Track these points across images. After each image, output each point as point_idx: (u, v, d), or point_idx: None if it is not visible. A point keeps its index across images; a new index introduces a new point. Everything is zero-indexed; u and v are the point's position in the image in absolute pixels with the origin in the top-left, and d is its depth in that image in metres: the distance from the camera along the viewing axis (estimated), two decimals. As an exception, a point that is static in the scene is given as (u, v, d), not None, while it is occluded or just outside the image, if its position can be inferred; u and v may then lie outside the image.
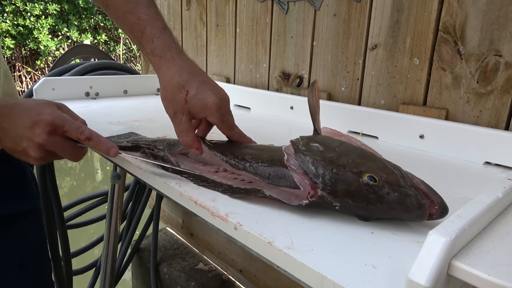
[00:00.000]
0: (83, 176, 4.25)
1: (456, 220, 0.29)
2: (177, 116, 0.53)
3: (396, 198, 0.37)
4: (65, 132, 0.51)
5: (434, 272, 0.26)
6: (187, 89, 0.52)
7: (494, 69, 0.63)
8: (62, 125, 0.50)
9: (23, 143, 0.49)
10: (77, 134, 0.51)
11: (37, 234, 0.78)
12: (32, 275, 0.77)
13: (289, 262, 0.35)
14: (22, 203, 0.74)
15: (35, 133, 0.48)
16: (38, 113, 0.49)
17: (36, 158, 0.50)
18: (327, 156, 0.42)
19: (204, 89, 0.52)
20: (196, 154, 0.54)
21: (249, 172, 0.47)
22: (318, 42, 0.90)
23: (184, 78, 0.52)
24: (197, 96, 0.52)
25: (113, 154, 0.52)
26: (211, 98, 0.52)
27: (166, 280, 1.41)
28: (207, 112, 0.53)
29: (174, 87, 0.52)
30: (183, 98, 0.52)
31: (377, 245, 0.36)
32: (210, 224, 0.44)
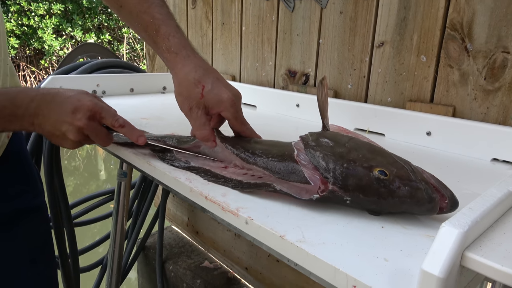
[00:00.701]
0: (87, 176, 4.27)
1: (468, 213, 0.29)
2: (193, 111, 0.55)
3: (407, 192, 0.38)
4: (102, 118, 0.55)
5: (448, 263, 0.26)
6: (203, 84, 0.54)
7: (502, 66, 0.63)
8: (100, 111, 0.54)
9: (62, 127, 0.52)
10: (113, 121, 0.55)
11: (44, 230, 0.79)
12: (40, 271, 0.78)
13: (301, 255, 0.35)
14: (30, 200, 0.75)
15: (76, 118, 0.52)
16: (78, 100, 0.53)
17: (73, 141, 0.54)
18: (337, 151, 0.42)
19: (219, 85, 0.55)
20: (211, 147, 0.55)
21: (259, 166, 0.48)
22: (325, 40, 0.90)
23: (200, 74, 0.54)
24: (212, 91, 0.54)
25: (142, 142, 0.56)
26: (226, 93, 0.54)
27: (171, 278, 1.41)
28: (221, 107, 0.54)
29: (190, 82, 0.54)
30: (199, 93, 0.54)
31: (388, 239, 0.37)
32: (220, 219, 0.45)
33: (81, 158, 4.84)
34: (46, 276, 0.80)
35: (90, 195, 1.39)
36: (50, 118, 0.53)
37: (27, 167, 0.76)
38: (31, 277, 0.75)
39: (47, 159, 1.08)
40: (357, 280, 0.30)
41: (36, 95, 0.54)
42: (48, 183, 1.09)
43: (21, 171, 0.74)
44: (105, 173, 4.41)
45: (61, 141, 0.55)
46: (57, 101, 0.53)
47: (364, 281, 0.30)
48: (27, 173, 0.76)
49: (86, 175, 4.29)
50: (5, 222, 0.70)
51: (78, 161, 4.73)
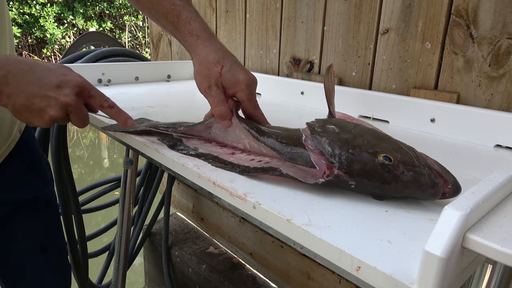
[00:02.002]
0: (92, 164, 4.30)
1: (471, 196, 0.30)
2: (212, 89, 0.56)
3: (411, 177, 0.39)
4: (90, 96, 0.52)
5: (450, 244, 0.27)
6: (222, 64, 0.56)
7: (506, 53, 0.63)
8: (89, 89, 0.51)
9: (42, 102, 0.48)
10: (102, 101, 0.52)
11: (53, 217, 0.81)
12: (51, 258, 0.80)
13: (307, 238, 0.36)
14: (39, 189, 0.77)
15: (63, 93, 0.48)
16: (64, 74, 0.49)
17: (52, 118, 0.49)
18: (343, 137, 0.43)
19: (236, 67, 0.57)
20: (226, 126, 0.56)
21: (268, 145, 0.49)
22: (329, 27, 0.90)
23: (220, 55, 0.56)
24: (230, 71, 0.56)
25: (130, 125, 0.55)
26: (243, 75, 0.56)
27: (177, 263, 1.44)
28: (237, 87, 0.56)
29: (210, 62, 0.56)
30: (218, 72, 0.56)
31: (392, 223, 0.38)
32: (228, 204, 0.46)
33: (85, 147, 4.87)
34: (57, 262, 0.82)
35: (97, 183, 1.41)
36: (27, 90, 0.47)
37: (37, 156, 0.78)
38: (43, 264, 0.77)
39: (55, 148, 1.10)
40: (361, 261, 0.32)
41: (7, 62, 0.48)
42: (56, 170, 1.11)
43: (31, 160, 0.76)
44: (108, 161, 4.44)
45: (33, 118, 0.49)
46: (37, 72, 0.49)
47: (368, 262, 0.31)
48: (36, 163, 0.77)
49: (91, 163, 4.32)
50: (15, 211, 0.72)
51: (82, 149, 4.76)
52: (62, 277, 0.82)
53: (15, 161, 0.70)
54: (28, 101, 0.48)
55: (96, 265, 1.49)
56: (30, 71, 0.48)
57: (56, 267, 0.81)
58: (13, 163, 0.70)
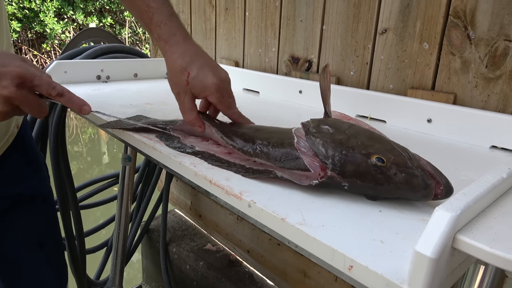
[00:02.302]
0: (90, 160, 4.30)
1: (462, 198, 0.30)
2: (181, 96, 0.57)
3: (403, 178, 0.39)
4: (34, 86, 0.49)
5: (440, 245, 0.27)
6: (189, 71, 0.55)
7: (503, 54, 0.64)
8: (31, 79, 0.48)
9: None
10: (49, 89, 0.50)
11: (50, 214, 0.81)
12: (48, 254, 0.80)
13: (301, 237, 0.37)
14: (36, 186, 0.77)
15: (2, 85, 0.46)
16: (4, 65, 0.47)
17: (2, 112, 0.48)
18: (336, 138, 0.44)
19: (204, 71, 0.56)
20: (199, 132, 0.57)
21: (260, 158, 0.49)
22: (328, 26, 0.90)
23: (187, 60, 0.56)
24: (197, 77, 0.55)
25: (87, 112, 0.53)
26: (211, 79, 0.55)
27: (175, 260, 1.45)
28: (206, 92, 0.56)
29: (177, 69, 0.56)
30: (185, 80, 0.55)
31: (385, 223, 0.38)
32: (223, 202, 0.46)
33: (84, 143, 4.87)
34: (54, 258, 0.82)
35: (95, 179, 1.42)
36: None
37: (33, 153, 0.78)
38: (40, 260, 0.78)
39: (53, 143, 1.10)
40: (354, 261, 0.32)
41: None
42: (54, 166, 1.11)
43: (29, 157, 0.76)
44: (108, 157, 4.44)
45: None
46: None
47: (360, 261, 0.32)
48: (33, 160, 0.77)
49: (90, 159, 4.32)
50: (12, 206, 0.72)
51: (81, 145, 4.76)
52: (58, 272, 0.83)
53: (13, 156, 0.71)
54: None
55: (94, 261, 1.50)
56: None
57: (53, 263, 0.81)
58: (12, 158, 0.70)
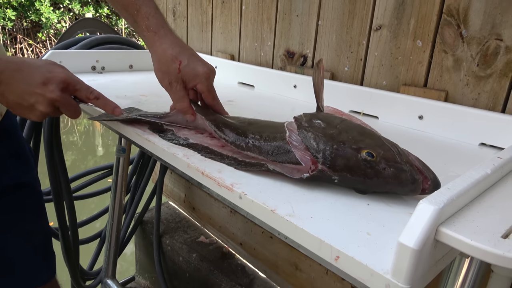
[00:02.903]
0: (85, 151, 4.29)
1: (446, 192, 0.31)
2: (172, 85, 0.58)
3: (392, 173, 0.40)
4: (76, 90, 0.55)
5: (423, 237, 0.28)
6: (180, 60, 0.57)
7: (494, 53, 0.65)
8: (74, 83, 0.54)
9: (31, 99, 0.51)
10: (87, 93, 0.56)
11: (37, 204, 0.81)
12: (36, 244, 0.80)
13: (290, 228, 0.37)
14: (21, 175, 0.76)
15: (49, 89, 0.51)
16: (49, 71, 0.52)
17: (42, 113, 0.53)
18: (328, 133, 0.44)
19: (194, 60, 0.58)
20: (190, 120, 0.59)
21: (252, 152, 0.50)
22: (323, 22, 0.91)
23: (177, 50, 0.58)
24: (189, 65, 0.58)
25: (118, 113, 0.58)
26: (202, 68, 0.58)
27: (168, 251, 1.46)
28: (197, 80, 0.58)
29: (168, 59, 0.57)
30: (177, 68, 0.57)
31: (372, 216, 0.39)
32: (215, 194, 0.47)
33: (78, 134, 4.85)
34: (42, 249, 0.82)
35: (89, 170, 1.42)
36: (18, 88, 0.51)
37: (19, 143, 0.77)
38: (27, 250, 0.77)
39: (47, 134, 1.10)
40: (340, 251, 0.33)
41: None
42: (48, 157, 1.11)
43: (12, 147, 0.75)
44: (102, 149, 4.43)
45: (27, 113, 0.54)
46: (25, 71, 0.52)
47: (346, 252, 0.33)
48: (19, 149, 0.77)
49: (84, 150, 4.31)
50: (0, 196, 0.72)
51: (76, 136, 4.74)
52: (46, 261, 0.82)
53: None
54: (19, 98, 0.51)
55: (87, 252, 1.50)
56: (18, 70, 0.52)
57: (41, 252, 0.81)
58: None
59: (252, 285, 1.22)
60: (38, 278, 0.81)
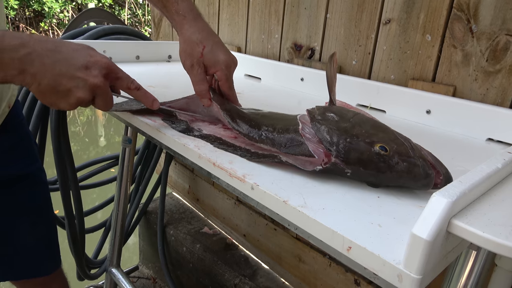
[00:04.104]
0: (87, 141, 4.30)
1: (458, 185, 0.32)
2: (194, 68, 0.59)
3: (405, 167, 0.40)
4: (118, 78, 0.51)
5: (436, 229, 0.29)
6: (204, 45, 0.59)
7: (504, 49, 0.65)
8: (116, 71, 0.51)
9: (70, 83, 0.46)
10: (129, 83, 0.52)
11: (42, 194, 0.81)
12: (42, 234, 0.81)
13: (302, 219, 0.38)
14: (27, 165, 0.77)
15: (92, 74, 0.47)
16: (91, 55, 0.48)
17: (79, 99, 0.47)
18: (341, 126, 0.45)
19: (218, 47, 0.59)
20: (206, 105, 0.60)
21: (265, 144, 0.50)
22: (332, 15, 0.90)
23: (203, 35, 0.59)
24: (211, 51, 0.59)
25: (156, 107, 0.56)
26: (223, 56, 0.59)
27: (172, 242, 1.47)
28: (217, 67, 0.59)
29: (193, 42, 0.59)
30: (200, 52, 0.58)
31: (383, 208, 0.40)
32: (226, 185, 0.48)
33: (81, 124, 4.86)
34: (47, 238, 0.83)
35: (95, 160, 1.43)
36: (53, 70, 0.45)
37: (24, 134, 0.78)
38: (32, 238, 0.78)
39: (54, 123, 1.11)
40: (352, 242, 0.34)
41: (30, 40, 0.45)
42: (55, 146, 1.12)
43: (19, 137, 0.76)
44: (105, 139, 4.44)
45: (59, 99, 0.47)
46: (63, 52, 0.46)
47: (359, 243, 0.33)
48: (24, 140, 0.77)
49: (87, 141, 4.32)
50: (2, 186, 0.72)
51: (78, 126, 4.75)
52: (51, 250, 0.83)
53: (2, 137, 0.70)
54: (55, 81, 0.45)
55: (92, 241, 1.52)
56: (55, 50, 0.46)
57: (44, 243, 0.82)
58: (1, 139, 0.70)
59: (255, 276, 1.23)
60: (41, 268, 0.81)
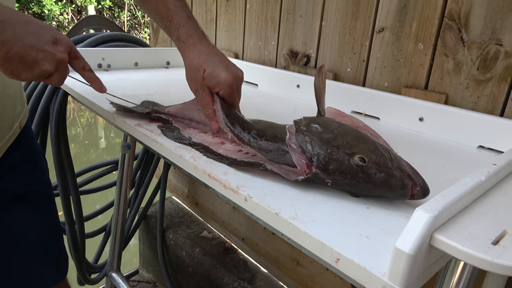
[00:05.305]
0: (87, 144, 4.32)
1: (440, 199, 0.33)
2: (199, 92, 0.62)
3: (382, 178, 0.42)
4: (76, 58, 0.57)
5: (418, 243, 0.30)
6: (204, 68, 0.60)
7: (494, 58, 0.66)
8: (76, 51, 0.56)
9: (38, 54, 0.49)
10: (85, 64, 0.58)
11: (50, 209, 0.81)
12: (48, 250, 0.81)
13: (293, 231, 0.39)
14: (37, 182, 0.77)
15: (58, 50, 0.51)
16: (57, 33, 0.53)
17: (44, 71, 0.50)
18: (324, 137, 0.46)
19: (219, 67, 0.60)
20: (214, 128, 0.61)
21: (252, 147, 0.52)
22: (327, 23, 0.92)
23: (203, 59, 0.60)
24: (212, 73, 0.60)
25: (104, 91, 0.62)
26: (225, 74, 0.60)
27: (171, 246, 1.48)
28: (220, 87, 0.60)
29: (194, 67, 0.61)
30: (201, 76, 0.60)
31: (371, 219, 0.41)
32: (221, 195, 0.49)
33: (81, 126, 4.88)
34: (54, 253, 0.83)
35: (95, 165, 1.44)
36: (24, 40, 0.48)
37: (34, 150, 0.78)
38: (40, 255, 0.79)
39: (55, 130, 1.12)
40: (340, 254, 0.35)
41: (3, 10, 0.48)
42: (55, 153, 1.13)
43: (27, 153, 0.77)
44: (105, 141, 4.46)
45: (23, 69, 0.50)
46: (34, 25, 0.50)
47: (346, 255, 0.35)
48: (32, 155, 0.78)
49: (87, 143, 4.34)
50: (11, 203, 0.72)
51: (79, 128, 4.77)
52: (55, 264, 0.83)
53: (14, 154, 0.71)
54: (24, 51, 0.48)
55: (92, 246, 1.53)
56: (26, 22, 0.49)
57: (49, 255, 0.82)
58: (12, 156, 0.71)
59: (254, 279, 1.24)
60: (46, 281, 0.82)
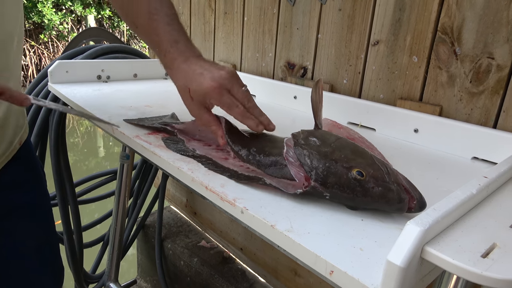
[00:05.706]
0: (86, 152, 4.32)
1: (432, 213, 0.34)
2: (196, 113, 0.60)
3: (380, 192, 0.43)
4: None
5: (409, 256, 0.31)
6: (188, 87, 0.59)
7: (486, 71, 0.67)
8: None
9: None
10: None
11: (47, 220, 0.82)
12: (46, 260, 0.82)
13: (288, 243, 0.40)
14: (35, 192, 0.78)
15: None
16: None
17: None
18: (322, 151, 0.47)
19: (200, 80, 0.57)
20: (221, 144, 0.58)
21: (252, 164, 0.53)
22: (323, 35, 0.93)
23: (187, 79, 0.59)
24: (196, 88, 0.58)
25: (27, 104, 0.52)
26: (206, 83, 0.57)
27: (170, 256, 1.48)
28: (208, 96, 0.58)
29: (182, 90, 0.60)
30: (189, 97, 0.59)
31: (366, 231, 0.42)
32: (218, 207, 0.50)
33: (80, 135, 4.89)
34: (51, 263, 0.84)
35: (93, 175, 1.44)
36: None
37: (34, 164, 0.79)
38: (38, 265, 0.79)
39: (54, 141, 1.13)
40: (334, 266, 0.36)
41: None
42: (54, 163, 1.14)
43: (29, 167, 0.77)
44: (104, 150, 4.46)
45: None
46: None
47: (340, 267, 0.35)
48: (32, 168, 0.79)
49: (86, 151, 4.34)
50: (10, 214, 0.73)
51: (77, 137, 4.77)
52: (53, 274, 0.84)
53: (13, 167, 0.71)
54: None
55: (90, 256, 1.53)
56: None
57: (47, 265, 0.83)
58: (11, 169, 0.72)
59: (252, 289, 1.24)
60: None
